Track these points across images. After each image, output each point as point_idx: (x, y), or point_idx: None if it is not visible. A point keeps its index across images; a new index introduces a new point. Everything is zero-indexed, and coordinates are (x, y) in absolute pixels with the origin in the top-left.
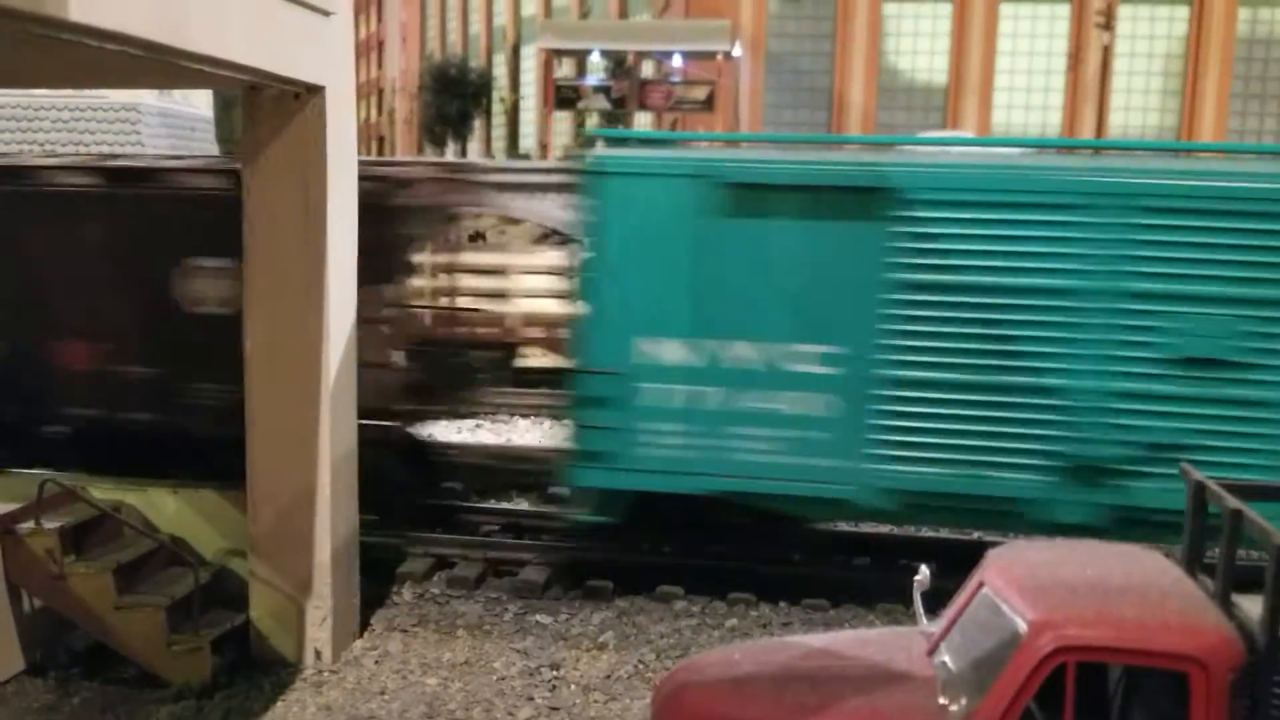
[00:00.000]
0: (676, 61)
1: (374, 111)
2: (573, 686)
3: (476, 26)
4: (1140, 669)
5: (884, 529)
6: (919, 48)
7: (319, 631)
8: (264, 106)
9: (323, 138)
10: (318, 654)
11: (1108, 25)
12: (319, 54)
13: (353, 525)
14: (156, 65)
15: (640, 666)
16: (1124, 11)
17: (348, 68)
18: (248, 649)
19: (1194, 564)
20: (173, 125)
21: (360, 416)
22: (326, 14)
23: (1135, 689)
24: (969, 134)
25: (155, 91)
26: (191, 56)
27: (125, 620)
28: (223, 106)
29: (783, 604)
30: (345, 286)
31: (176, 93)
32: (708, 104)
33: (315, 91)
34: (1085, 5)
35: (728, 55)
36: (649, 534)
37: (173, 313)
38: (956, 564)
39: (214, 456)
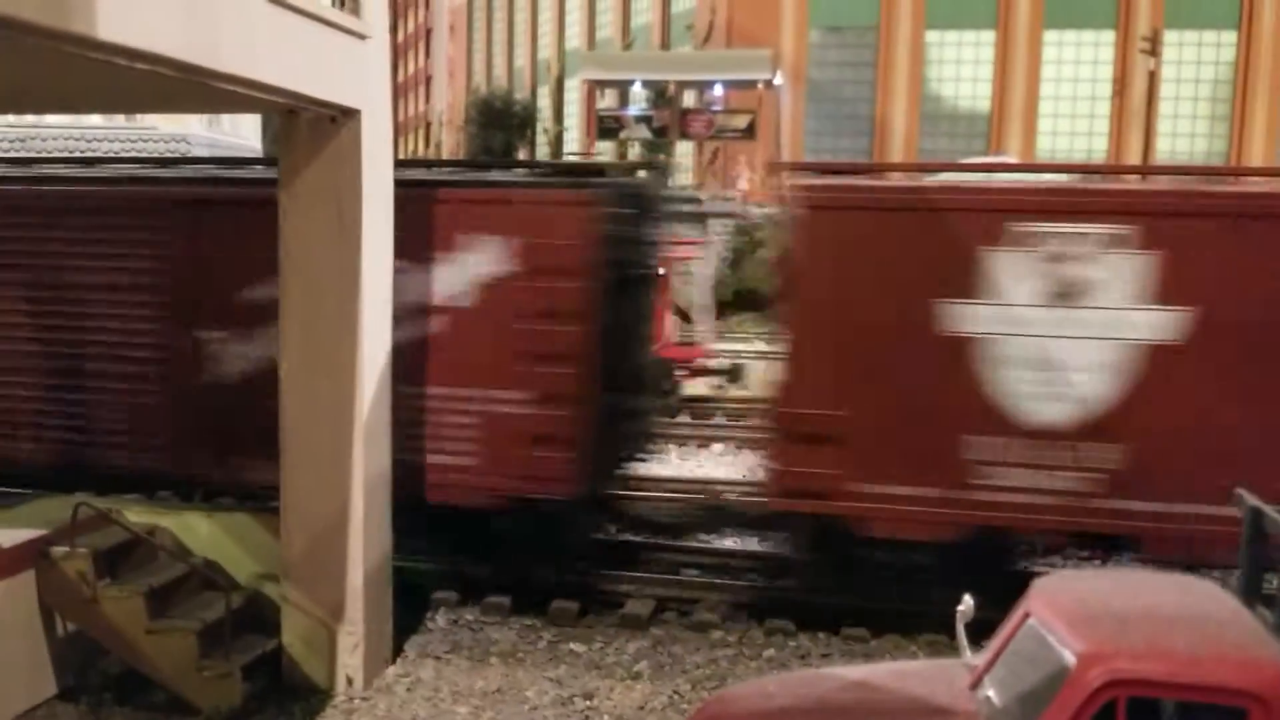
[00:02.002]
0: (718, 91)
1: (421, 145)
2: (606, 717)
3: (521, 60)
4: (1196, 705)
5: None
6: (962, 75)
7: (351, 657)
8: (300, 130)
9: (358, 161)
10: (349, 680)
11: (1153, 51)
12: (355, 77)
13: (386, 550)
14: (191, 88)
15: (675, 697)
16: (1170, 37)
17: (384, 91)
18: (279, 675)
19: (1251, 594)
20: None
21: None
22: (362, 37)
23: None
24: (1012, 159)
25: (204, 122)
26: (224, 77)
27: (156, 644)
28: (272, 140)
29: (822, 634)
30: (379, 310)
31: (225, 122)
32: (749, 132)
33: (351, 115)
34: (1130, 31)
35: (769, 84)
36: None
37: None
38: (1003, 595)
39: None
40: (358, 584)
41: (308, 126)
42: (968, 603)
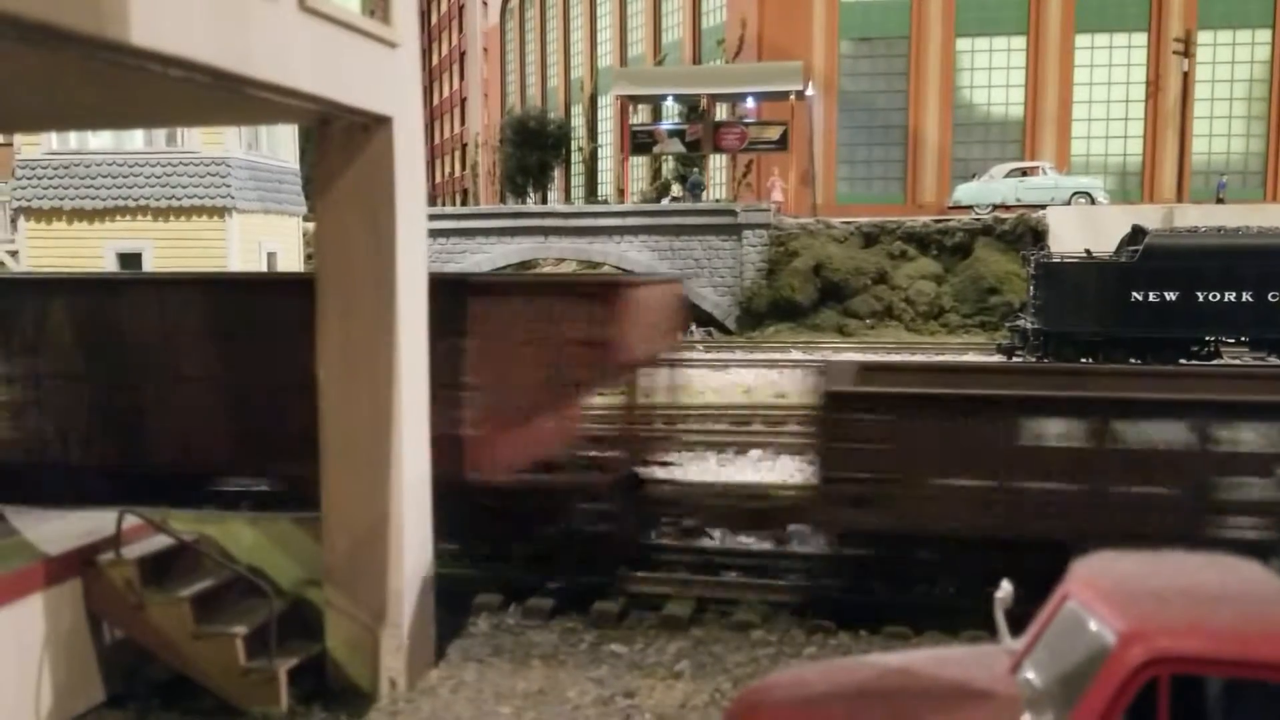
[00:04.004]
0: (750, 103)
1: (458, 166)
2: (647, 715)
3: (555, 80)
4: (1242, 682)
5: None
6: (994, 81)
7: (394, 660)
8: (333, 139)
9: (391, 169)
10: (393, 683)
11: (1187, 52)
12: (386, 85)
13: (428, 553)
14: (225, 97)
15: (716, 695)
16: (1203, 38)
17: (415, 99)
18: (324, 678)
19: None
20: (261, 178)
21: None
22: (393, 45)
23: (1237, 705)
24: (1049, 164)
25: (243, 145)
26: (257, 85)
27: (202, 650)
28: (310, 161)
29: (863, 632)
30: (416, 315)
31: (264, 145)
32: (781, 144)
33: (383, 123)
34: (1163, 33)
35: (800, 95)
36: None
37: None
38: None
39: None
40: (400, 587)
41: (340, 135)
42: (1006, 588)
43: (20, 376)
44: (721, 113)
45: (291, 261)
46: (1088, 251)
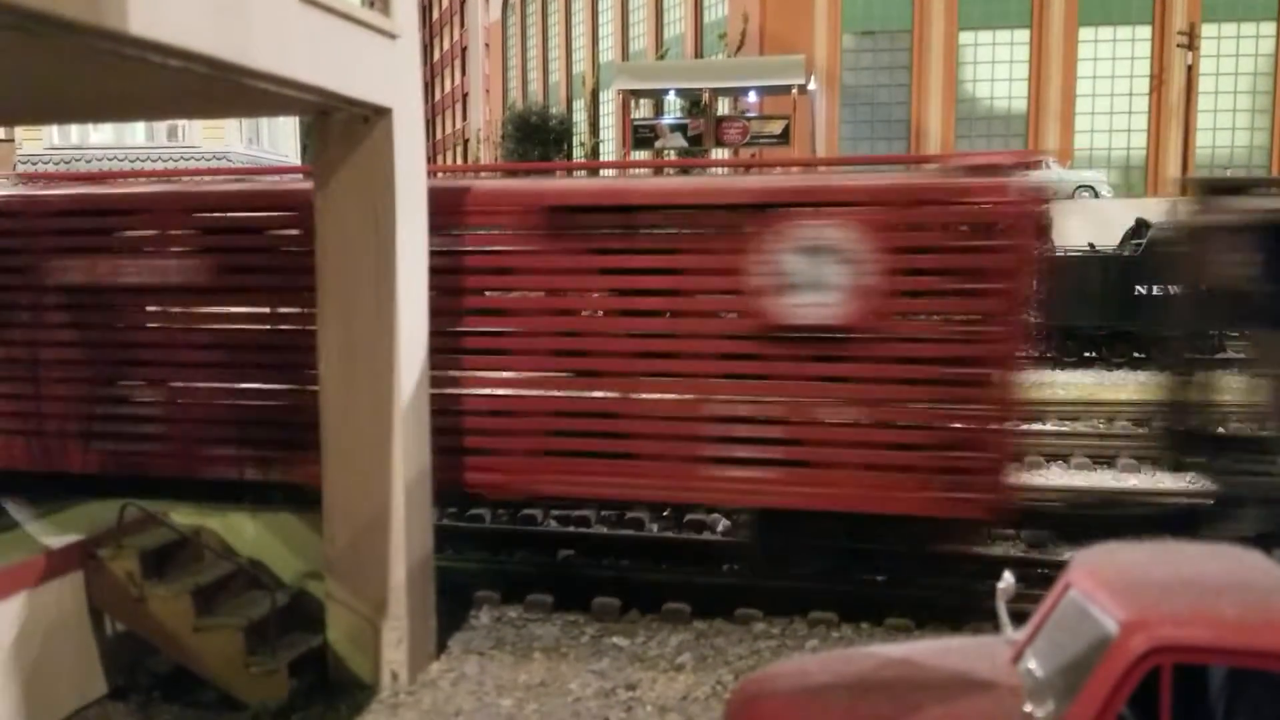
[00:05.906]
0: (752, 97)
1: (459, 161)
2: (649, 707)
3: (556, 75)
4: (1245, 672)
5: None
6: (997, 75)
7: (395, 653)
8: (333, 131)
9: (391, 161)
10: (394, 676)
11: (1191, 45)
12: (386, 77)
13: (427, 546)
14: (224, 89)
15: (718, 688)
16: (1207, 30)
17: (415, 91)
18: (325, 671)
19: None
20: None
21: None
22: (393, 37)
23: (1240, 694)
24: (1052, 158)
25: (244, 139)
26: (256, 75)
27: (204, 642)
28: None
29: (865, 625)
30: (416, 308)
31: (265, 140)
32: (784, 138)
33: (383, 114)
34: (1167, 26)
35: (803, 89)
36: None
37: None
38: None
39: None
40: (401, 580)
41: (340, 126)
42: (1008, 579)
43: None
44: (723, 107)
45: None
46: (1091, 245)
